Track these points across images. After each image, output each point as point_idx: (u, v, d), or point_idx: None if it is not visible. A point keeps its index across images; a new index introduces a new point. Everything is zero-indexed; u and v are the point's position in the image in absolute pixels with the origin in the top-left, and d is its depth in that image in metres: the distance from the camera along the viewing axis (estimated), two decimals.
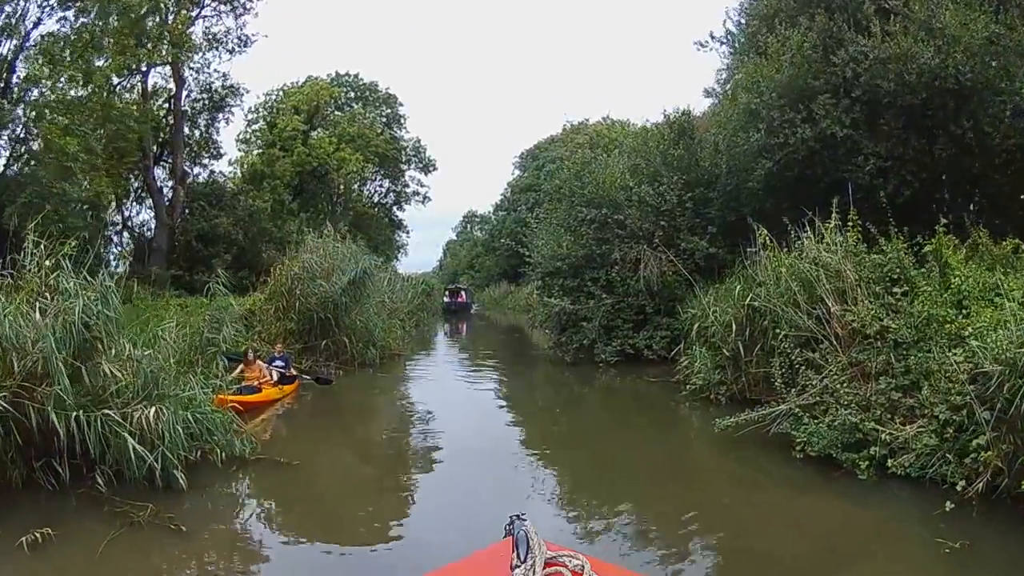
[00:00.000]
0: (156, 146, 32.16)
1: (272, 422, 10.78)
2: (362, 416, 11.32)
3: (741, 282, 10.25)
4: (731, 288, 10.94)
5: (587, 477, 7.84)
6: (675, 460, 8.41)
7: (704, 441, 9.13)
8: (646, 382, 12.72)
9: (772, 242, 9.94)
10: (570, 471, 7.94)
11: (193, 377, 8.54)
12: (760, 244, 10.38)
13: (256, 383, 11.48)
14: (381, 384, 14.05)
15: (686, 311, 14.21)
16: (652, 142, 17.27)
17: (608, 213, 14.72)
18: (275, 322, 15.17)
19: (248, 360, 11.75)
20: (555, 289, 14.97)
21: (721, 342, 10.29)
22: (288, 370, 12.70)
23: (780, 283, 9.38)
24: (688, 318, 13.45)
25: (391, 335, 16.55)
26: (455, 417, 10.64)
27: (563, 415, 11.29)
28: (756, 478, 7.54)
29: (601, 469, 8.10)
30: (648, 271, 13.77)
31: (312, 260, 14.29)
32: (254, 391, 11.21)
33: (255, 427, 9.96)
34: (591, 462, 8.34)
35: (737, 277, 11.28)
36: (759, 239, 10.16)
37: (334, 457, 8.68)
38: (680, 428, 10.28)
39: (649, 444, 9.23)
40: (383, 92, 46.12)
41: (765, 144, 13.28)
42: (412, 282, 30.11)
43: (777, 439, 7.83)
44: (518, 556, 1.87)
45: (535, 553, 1.85)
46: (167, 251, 28.48)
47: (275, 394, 11.61)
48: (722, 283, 13.46)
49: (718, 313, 10.60)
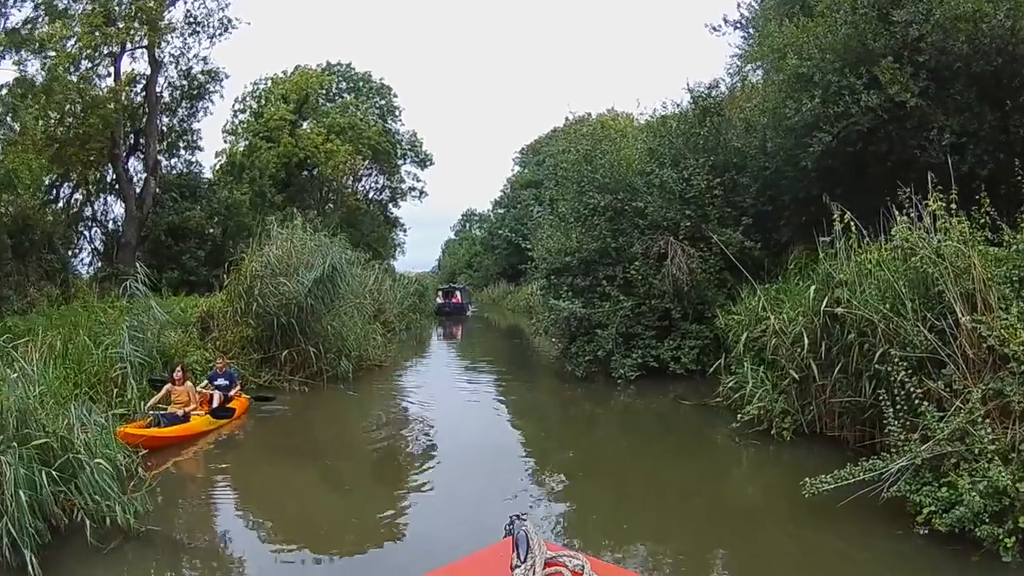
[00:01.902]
0: (131, 135, 30.11)
1: (194, 464, 8.43)
2: (308, 461, 8.37)
3: (816, 281, 7.85)
4: (797, 290, 8.56)
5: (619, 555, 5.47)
6: (738, 530, 6.02)
7: (776, 499, 6.77)
8: (677, 405, 10.32)
9: (857, 229, 7.58)
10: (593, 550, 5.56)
11: (76, 407, 6.24)
12: (833, 233, 8.02)
13: (182, 410, 9.11)
14: (348, 407, 11.55)
15: (720, 317, 11.88)
16: (673, 121, 14.91)
17: (625, 199, 12.33)
18: (233, 327, 12.82)
19: (175, 379, 9.36)
20: (563, 289, 12.47)
21: (785, 359, 7.93)
22: (234, 389, 10.33)
23: (870, 283, 7.06)
24: (727, 326, 11.11)
25: (371, 343, 14.09)
26: (436, 459, 8.22)
27: (578, 453, 8.81)
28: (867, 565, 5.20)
29: (636, 538, 5.76)
30: (676, 267, 11.36)
31: (272, 254, 11.89)
32: (177, 421, 8.85)
33: (168, 471, 7.63)
34: (621, 536, 5.97)
35: (799, 275, 8.96)
36: (835, 225, 7.79)
37: (249, 541, 6.07)
38: (739, 477, 7.81)
39: (701, 503, 6.85)
40: (377, 83, 43.85)
41: (821, 114, 10.95)
42: (404, 282, 27.70)
43: (885, 503, 5.53)
44: (518, 556, 1.86)
45: (535, 553, 1.84)
46: (136, 246, 26.17)
47: (204, 425, 9.20)
48: (763, 282, 11.20)
49: (781, 321, 8.22)
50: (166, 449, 8.45)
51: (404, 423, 10.21)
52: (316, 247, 12.29)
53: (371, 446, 8.86)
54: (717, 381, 10.44)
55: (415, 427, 9.80)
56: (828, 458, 7.52)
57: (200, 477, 8.17)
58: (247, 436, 9.68)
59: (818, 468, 7.31)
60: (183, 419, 9.03)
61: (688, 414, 9.88)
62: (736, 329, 9.61)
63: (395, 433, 9.66)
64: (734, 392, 8.90)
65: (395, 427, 9.93)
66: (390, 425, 10.04)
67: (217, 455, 8.75)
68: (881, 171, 11.93)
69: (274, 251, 12.17)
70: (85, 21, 25.75)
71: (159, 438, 8.40)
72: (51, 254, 23.58)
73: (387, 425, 10.07)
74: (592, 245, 12.28)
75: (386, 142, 40.92)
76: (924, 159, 11.04)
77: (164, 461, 8.20)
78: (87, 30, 25.93)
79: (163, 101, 30.81)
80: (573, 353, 12.33)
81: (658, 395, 11.02)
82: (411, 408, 11.24)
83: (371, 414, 10.90)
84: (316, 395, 11.54)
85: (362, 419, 10.70)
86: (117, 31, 26.72)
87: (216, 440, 9.28)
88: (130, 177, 27.86)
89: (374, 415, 10.75)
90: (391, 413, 11.01)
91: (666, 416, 10.22)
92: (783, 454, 7.84)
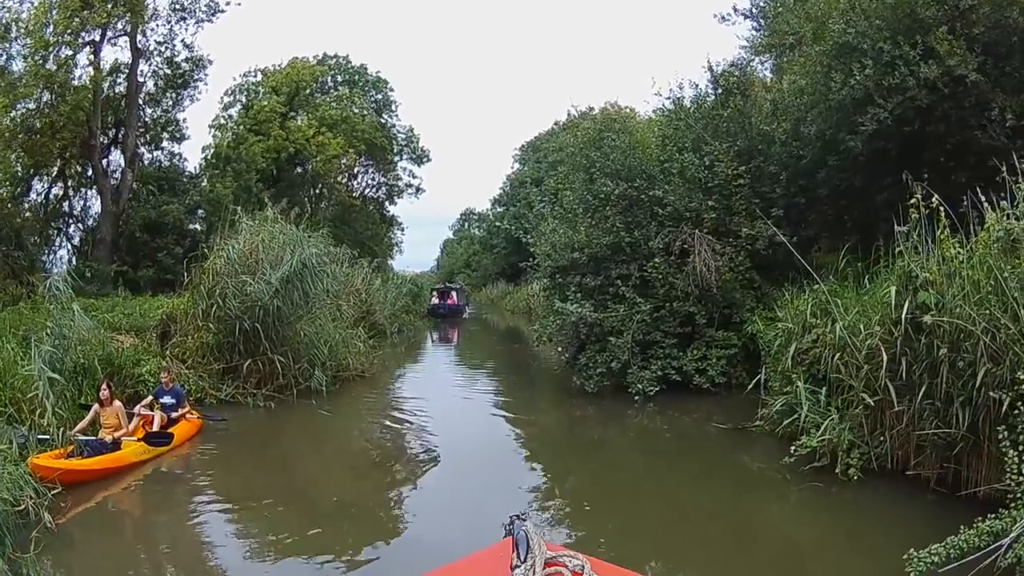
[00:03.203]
0: (112, 126, 28.75)
1: (122, 505, 6.86)
2: (259, 504, 6.56)
3: (896, 280, 6.25)
4: (867, 292, 6.99)
5: None
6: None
7: (851, 561, 5.19)
8: (707, 428, 8.72)
9: (948, 216, 6.02)
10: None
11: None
12: (911, 224, 6.45)
13: (111, 436, 7.53)
14: (318, 428, 9.82)
15: (757, 322, 10.32)
16: (691, 103, 13.36)
17: (642, 187, 10.72)
18: (194, 333, 11.25)
19: (102, 398, 7.79)
20: (570, 290, 10.79)
21: (854, 379, 6.36)
22: (181, 409, 8.76)
23: (957, 284, 5.54)
24: (759, 333, 9.56)
25: (351, 351, 12.41)
26: (417, 505, 6.62)
27: (595, 491, 7.09)
28: None
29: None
30: (704, 264, 9.75)
31: (235, 248, 10.31)
32: (105, 449, 7.28)
33: (88, 515, 6.10)
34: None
35: (868, 275, 7.41)
36: (916, 213, 6.22)
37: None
38: (808, 535, 6.09)
39: (752, 562, 5.27)
40: (373, 76, 42.29)
41: (875, 86, 9.41)
42: (397, 281, 26.09)
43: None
44: (518, 556, 1.84)
45: (535, 553, 1.82)
46: (112, 242, 24.66)
47: (132, 455, 7.59)
48: (797, 283, 9.68)
49: (845, 331, 6.64)
50: (89, 485, 6.90)
51: (384, 453, 8.61)
52: (288, 242, 10.65)
53: (338, 489, 7.16)
54: (751, 398, 8.89)
55: (395, 458, 8.20)
56: (907, 504, 6.09)
57: (127, 523, 6.62)
58: (191, 467, 8.08)
59: (899, 519, 5.84)
60: (112, 447, 7.46)
61: (721, 439, 8.29)
62: (780, 338, 8.02)
63: (372, 467, 8.06)
64: (783, 416, 7.29)
65: (373, 458, 8.33)
66: (366, 455, 8.43)
67: (152, 494, 7.17)
68: (935, 156, 10.47)
69: (238, 245, 10.55)
70: (63, 6, 24.65)
71: (78, 471, 6.84)
72: (18, 251, 22.08)
73: (363, 454, 8.47)
74: (603, 239, 10.62)
75: (382, 136, 39.35)
76: (985, 141, 9.66)
77: (85, 500, 6.67)
78: (64, 16, 24.79)
79: (147, 91, 29.65)
80: (582, 365, 10.56)
81: (683, 415, 9.43)
82: (392, 432, 9.60)
83: (345, 438, 9.31)
84: (283, 412, 9.95)
85: (333, 445, 9.10)
86: (92, 15, 25.39)
87: (154, 472, 7.70)
88: (110, 170, 26.44)
89: (348, 440, 9.16)
90: (369, 438, 9.35)
91: (696, 442, 8.56)
92: (847, 495, 6.29)
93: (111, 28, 26.92)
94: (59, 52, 25.47)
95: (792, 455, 6.65)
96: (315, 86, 39.26)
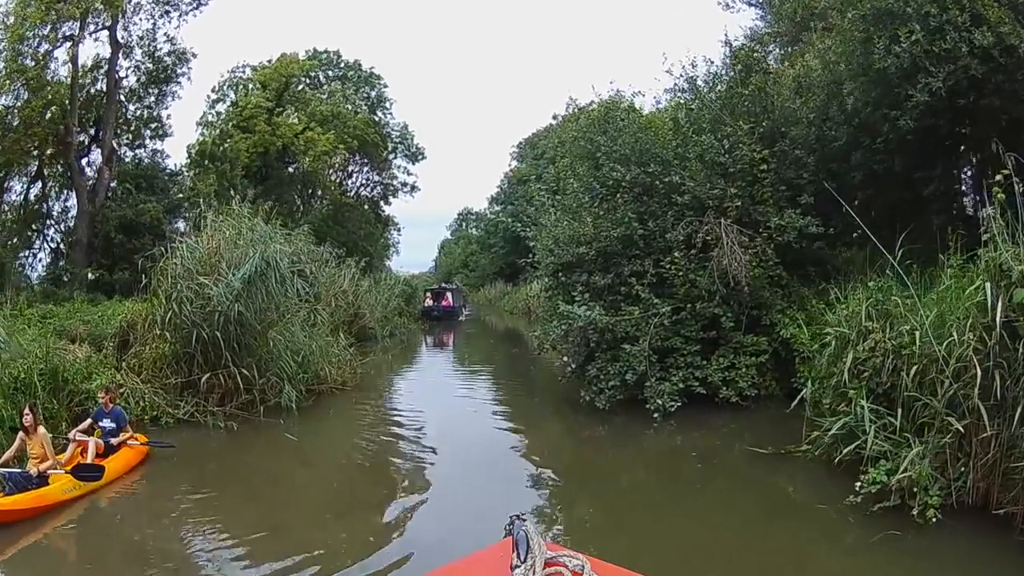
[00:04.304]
0: (91, 124, 27.69)
1: (47, 556, 5.60)
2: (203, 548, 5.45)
3: (985, 276, 5.00)
4: (946, 290, 5.73)
5: None
6: None
7: None
8: (742, 453, 7.39)
9: None
10: None
11: None
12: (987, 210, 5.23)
13: (35, 468, 6.28)
14: (282, 456, 8.35)
15: (782, 324, 9.10)
16: (705, 82, 12.13)
17: (658, 172, 9.43)
18: (152, 343, 9.99)
19: (26, 425, 6.53)
20: (576, 290, 9.39)
21: (930, 395, 5.11)
22: (122, 435, 7.51)
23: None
24: (798, 338, 8.33)
25: (330, 360, 11.05)
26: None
27: (609, 537, 5.74)
28: None
29: None
30: (734, 258, 8.46)
31: (191, 247, 9.04)
32: (29, 484, 6.06)
33: None
34: None
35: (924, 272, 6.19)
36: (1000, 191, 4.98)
37: None
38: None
39: None
40: (366, 71, 41.02)
41: (925, 54, 8.18)
42: (389, 282, 24.80)
43: None
44: (518, 556, 1.81)
45: (535, 553, 1.78)
46: (88, 244, 23.43)
47: (59, 492, 6.31)
48: (830, 280, 8.48)
49: (928, 338, 5.39)
50: (9, 528, 5.69)
51: (361, 486, 7.33)
52: (257, 239, 9.37)
53: (305, 539, 5.82)
54: (786, 413, 7.65)
55: (372, 497, 6.91)
56: (994, 549, 4.91)
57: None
58: (135, 503, 6.83)
59: (985, 568, 4.65)
60: (37, 482, 6.22)
61: (758, 467, 6.99)
62: (830, 345, 6.77)
63: (349, 507, 6.79)
64: (841, 441, 6.03)
65: (347, 494, 7.05)
66: (340, 489, 7.14)
67: (86, 538, 5.93)
68: (983, 135, 9.27)
69: (194, 243, 9.29)
70: None
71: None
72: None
73: (335, 489, 7.18)
74: (613, 231, 9.28)
75: (374, 133, 38.10)
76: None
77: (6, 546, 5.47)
78: (40, 9, 23.94)
79: (129, 87, 28.61)
80: (592, 377, 9.07)
81: (708, 434, 8.14)
82: (370, 459, 8.28)
83: (314, 467, 8.00)
84: (247, 434, 8.67)
85: (301, 476, 7.78)
86: (67, 6, 24.40)
87: (90, 510, 6.46)
88: (84, 168, 25.18)
89: (318, 470, 7.86)
90: (343, 465, 8.01)
91: (728, 471, 7.12)
92: (923, 542, 5.05)
93: (90, 22, 25.99)
94: (38, 47, 24.69)
95: (858, 493, 5.40)
96: (306, 82, 38.18)
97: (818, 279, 10.43)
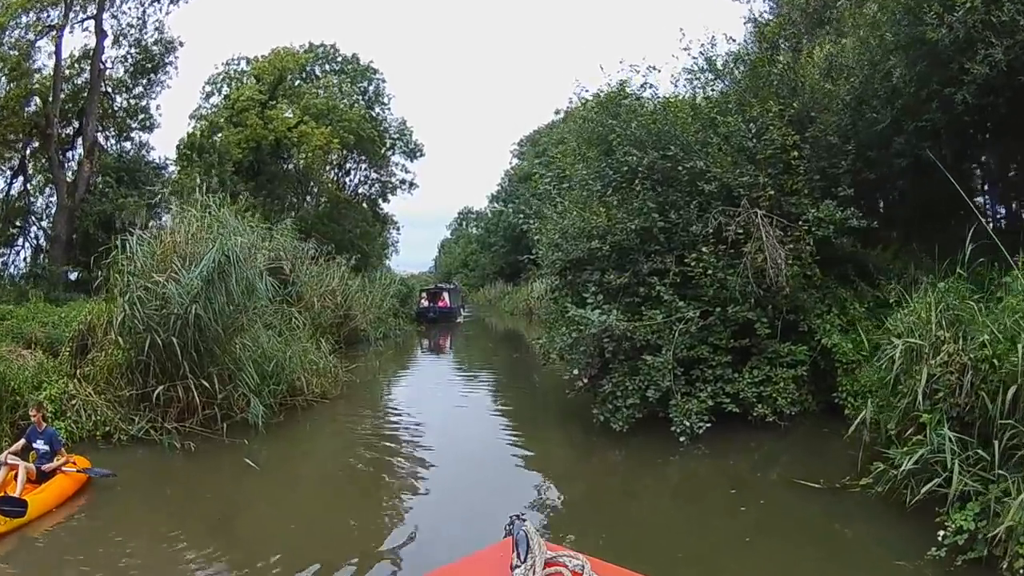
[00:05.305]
0: (75, 116, 26.70)
1: None
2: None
3: None
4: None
5: None
6: None
7: None
8: (785, 485, 6.16)
9: None
10: None
11: None
12: None
13: None
14: (244, 481, 7.17)
15: (823, 331, 7.95)
16: (728, 62, 10.96)
17: (680, 157, 8.24)
18: (108, 349, 8.85)
19: None
20: (588, 290, 8.09)
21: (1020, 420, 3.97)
22: (57, 460, 6.39)
23: None
24: (840, 347, 7.20)
25: (308, 368, 9.82)
26: None
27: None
28: None
29: None
30: (772, 255, 7.26)
31: (145, 240, 7.89)
32: None
33: None
34: None
35: None
36: None
37: None
38: None
39: None
40: (363, 65, 39.90)
41: (981, 22, 7.03)
42: (383, 281, 23.63)
43: None
44: (518, 556, 1.81)
45: (535, 553, 1.79)
46: (67, 241, 22.34)
47: None
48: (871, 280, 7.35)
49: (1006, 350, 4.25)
50: None
51: (330, 529, 6.12)
52: (222, 232, 8.20)
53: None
54: (826, 432, 6.49)
55: (348, 546, 5.72)
56: None
57: None
58: (63, 546, 5.67)
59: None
60: None
61: (808, 503, 5.81)
62: (897, 358, 5.60)
63: (313, 549, 5.63)
64: (916, 478, 4.89)
65: (313, 540, 5.85)
66: (305, 536, 5.92)
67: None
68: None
69: (159, 236, 8.14)
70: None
71: None
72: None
73: (301, 533, 5.97)
74: (630, 223, 8.01)
75: (371, 128, 36.97)
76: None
77: None
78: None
79: (117, 78, 27.64)
80: (608, 394, 7.73)
81: (742, 461, 6.96)
82: (346, 493, 7.00)
83: (279, 502, 6.76)
84: (206, 455, 7.49)
85: (262, 512, 6.59)
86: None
87: (11, 553, 5.33)
88: (63, 162, 24.06)
89: (283, 505, 6.63)
90: (310, 505, 6.69)
91: (781, 511, 5.80)
92: None
93: (76, 11, 25.02)
94: (25, 35, 23.82)
95: (941, 545, 4.27)
96: (301, 75, 37.11)
97: (857, 279, 9.32)
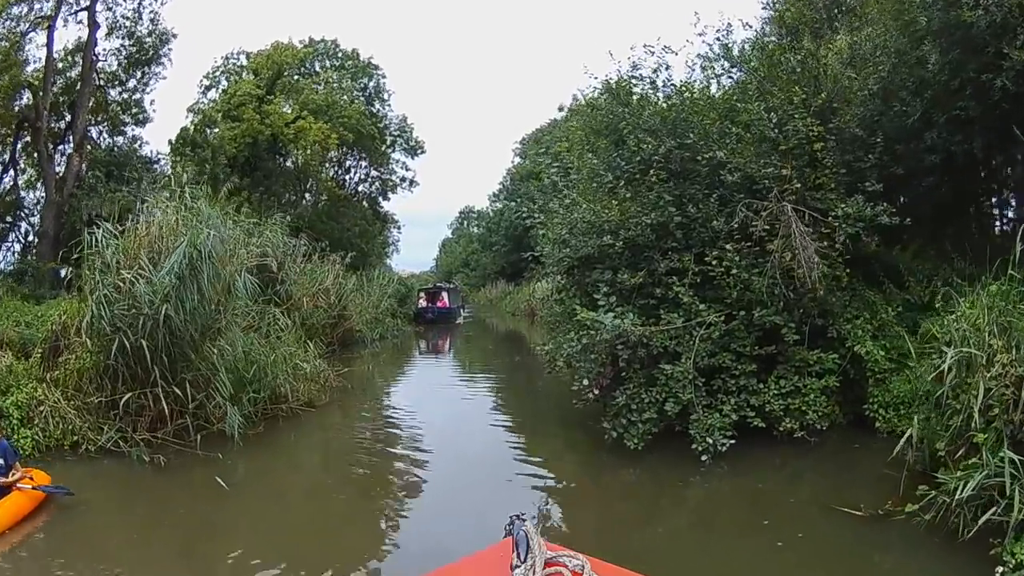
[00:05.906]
0: (67, 109, 26.25)
1: None
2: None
3: None
4: None
5: None
6: None
7: None
8: (829, 514, 5.41)
9: None
10: None
11: None
12: None
13: None
14: (215, 500, 6.47)
15: (854, 338, 7.29)
16: (744, 49, 10.31)
17: (698, 147, 7.57)
18: (79, 351, 8.20)
19: None
20: (599, 290, 7.29)
21: None
22: (10, 472, 5.78)
23: None
24: (873, 354, 6.54)
25: (292, 373, 9.12)
26: None
27: None
28: None
29: None
30: (804, 253, 6.57)
31: (106, 231, 7.25)
32: None
33: None
34: None
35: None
36: None
37: None
38: None
39: None
40: (364, 61, 39.30)
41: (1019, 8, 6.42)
42: (381, 281, 22.98)
43: None
44: (518, 556, 1.79)
45: (535, 553, 1.77)
46: (54, 237, 21.72)
47: None
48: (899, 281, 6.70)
49: None
50: None
51: (311, 554, 5.43)
52: (199, 224, 7.53)
53: None
54: (855, 447, 5.80)
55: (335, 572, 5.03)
56: None
57: None
58: (18, 571, 5.01)
59: None
60: None
61: (845, 533, 5.12)
62: (952, 371, 4.94)
63: None
64: (970, 504, 4.24)
65: (293, 566, 5.17)
66: (284, 557, 5.25)
67: None
68: None
69: (114, 229, 7.49)
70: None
71: None
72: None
73: (279, 556, 5.28)
74: (645, 217, 7.29)
75: (371, 125, 36.36)
76: None
77: None
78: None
79: (110, 71, 27.12)
80: (621, 407, 6.90)
81: (768, 481, 6.23)
82: (329, 514, 6.28)
83: (254, 525, 6.09)
84: (177, 470, 6.82)
85: (242, 528, 5.93)
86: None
87: None
88: (52, 155, 23.44)
89: (259, 528, 5.95)
90: (289, 528, 5.93)
91: (818, 542, 5.11)
92: None
93: (70, 2, 24.51)
94: (16, 26, 23.32)
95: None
96: (300, 70, 36.54)
97: (886, 280, 8.65)
